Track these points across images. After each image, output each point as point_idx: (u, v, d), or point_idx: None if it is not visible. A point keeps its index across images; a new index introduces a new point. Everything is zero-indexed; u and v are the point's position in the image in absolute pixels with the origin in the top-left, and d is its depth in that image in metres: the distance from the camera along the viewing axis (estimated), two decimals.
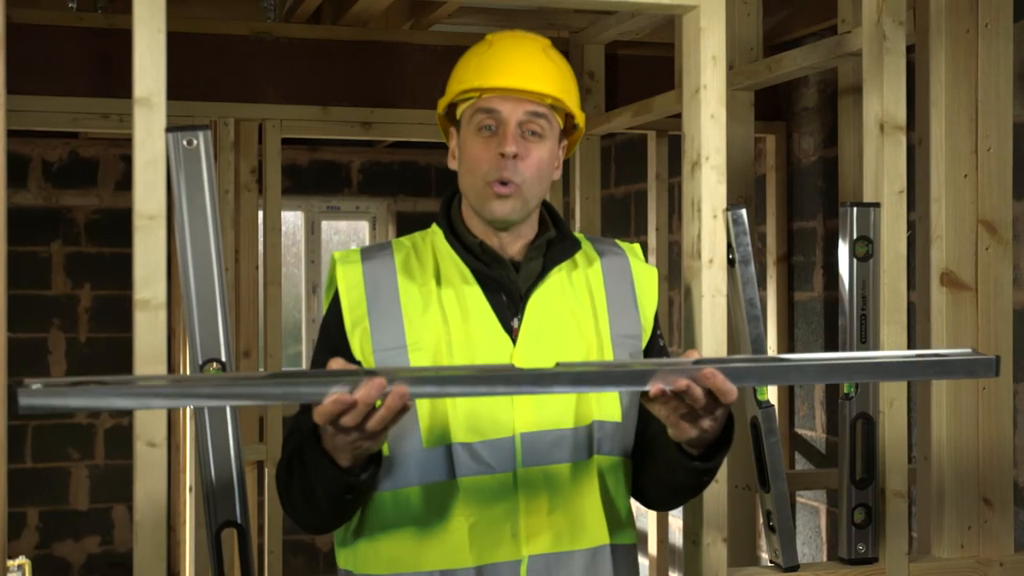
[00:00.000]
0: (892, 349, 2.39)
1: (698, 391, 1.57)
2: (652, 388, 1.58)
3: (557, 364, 1.57)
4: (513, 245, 1.85)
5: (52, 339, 6.55)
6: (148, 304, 1.96)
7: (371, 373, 1.51)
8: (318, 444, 1.62)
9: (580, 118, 1.89)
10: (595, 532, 1.79)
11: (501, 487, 1.74)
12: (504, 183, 1.77)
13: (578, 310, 1.83)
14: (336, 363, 1.57)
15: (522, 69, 1.80)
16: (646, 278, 1.91)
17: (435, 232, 1.87)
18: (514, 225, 1.82)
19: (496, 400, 1.74)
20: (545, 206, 1.90)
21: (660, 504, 1.93)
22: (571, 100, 1.85)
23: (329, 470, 1.63)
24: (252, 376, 1.52)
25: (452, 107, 1.89)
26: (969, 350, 1.72)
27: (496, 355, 1.76)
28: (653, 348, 1.88)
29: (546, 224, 1.88)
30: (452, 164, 1.86)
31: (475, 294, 1.80)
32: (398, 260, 1.83)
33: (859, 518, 2.43)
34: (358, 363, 1.77)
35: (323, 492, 1.68)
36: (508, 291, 1.81)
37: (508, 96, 1.79)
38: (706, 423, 1.64)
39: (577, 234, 1.93)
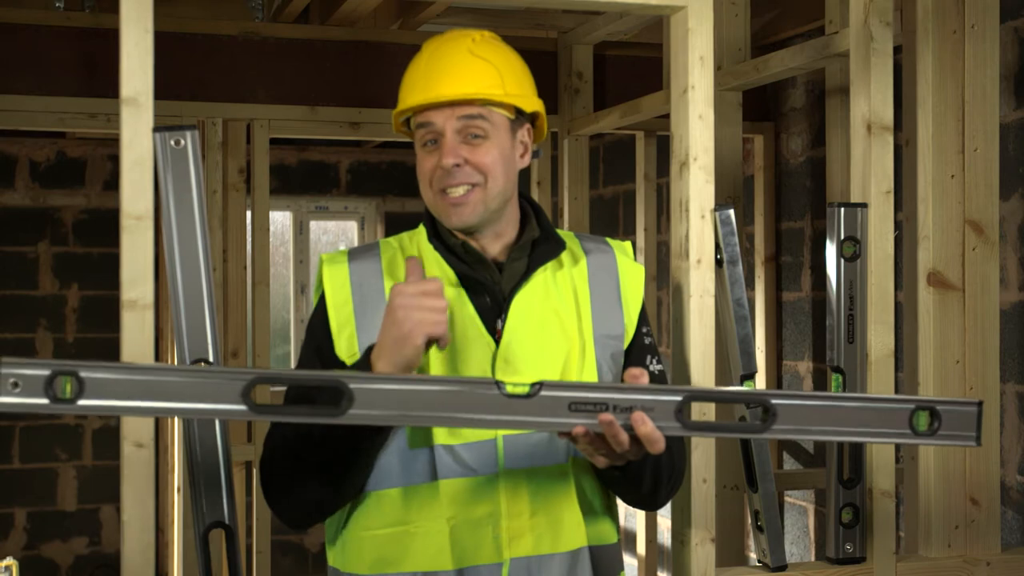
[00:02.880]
0: (880, 349, 2.39)
1: (624, 437, 1.57)
2: (575, 430, 1.56)
3: (532, 385, 1.56)
4: (494, 245, 1.84)
5: (39, 340, 6.53)
6: (136, 304, 1.95)
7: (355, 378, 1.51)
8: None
9: (526, 104, 1.84)
10: (575, 534, 1.79)
11: (483, 489, 1.74)
12: (455, 194, 1.77)
13: (562, 310, 1.83)
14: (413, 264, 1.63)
15: (445, 78, 1.79)
16: (632, 276, 1.90)
17: (421, 233, 1.87)
18: (482, 226, 1.82)
19: None
20: (530, 204, 1.90)
21: (632, 504, 1.92)
22: (505, 91, 1.81)
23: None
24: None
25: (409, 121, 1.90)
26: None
27: (479, 357, 1.76)
28: (636, 346, 1.88)
29: (529, 222, 1.88)
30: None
31: (459, 296, 1.80)
32: (384, 261, 1.84)
33: (847, 518, 2.43)
34: (342, 363, 1.78)
35: (346, 447, 1.67)
36: (492, 292, 1.81)
37: (439, 107, 1.79)
38: (623, 461, 1.65)
39: (566, 232, 1.93)
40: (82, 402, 1.44)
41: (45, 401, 1.43)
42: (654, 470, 1.77)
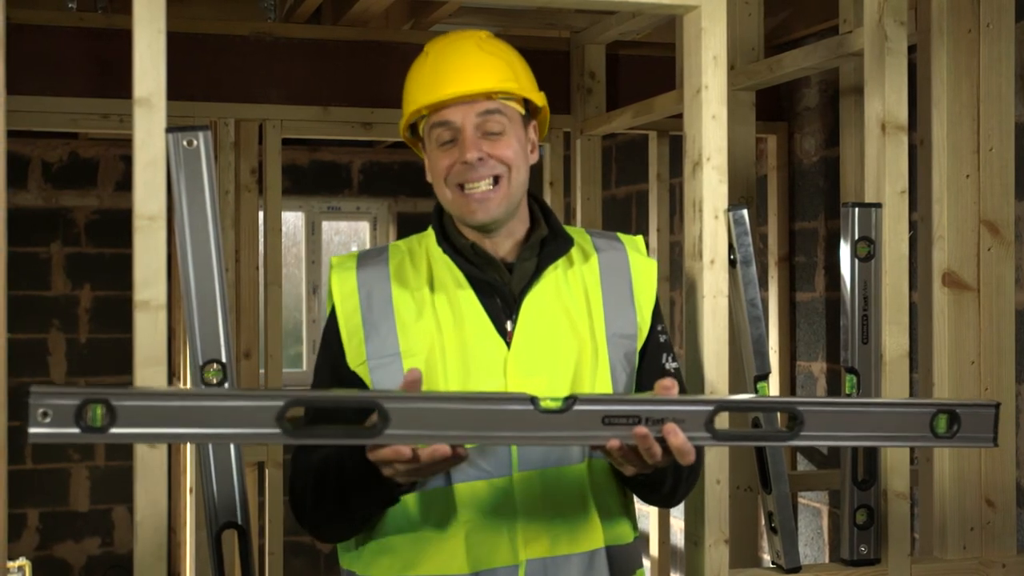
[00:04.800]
0: (894, 349, 2.38)
1: (657, 449, 1.56)
2: (609, 444, 1.55)
3: (565, 398, 1.54)
4: (504, 244, 1.83)
5: (52, 340, 6.54)
6: (148, 305, 1.95)
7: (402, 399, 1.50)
8: (364, 460, 1.61)
9: (537, 98, 1.86)
10: (592, 535, 1.78)
11: (498, 492, 1.74)
12: (477, 189, 1.76)
13: (573, 310, 1.82)
14: (413, 376, 1.57)
15: (460, 74, 1.78)
16: (644, 273, 1.89)
17: (429, 236, 1.86)
18: (503, 222, 1.81)
19: None
20: (536, 201, 1.89)
21: (649, 502, 1.91)
22: (519, 84, 1.82)
23: (376, 488, 1.64)
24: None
25: (415, 125, 1.89)
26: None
27: (490, 359, 1.76)
28: (652, 345, 1.87)
29: (537, 220, 1.87)
30: (430, 178, 1.86)
31: (468, 298, 1.79)
32: (392, 266, 1.83)
33: (861, 519, 2.42)
34: (353, 373, 1.78)
35: (360, 503, 1.69)
36: (502, 293, 1.80)
37: (456, 104, 1.78)
38: (651, 469, 1.63)
39: (577, 229, 1.92)
40: (114, 430, 1.41)
41: (76, 431, 1.40)
42: (675, 472, 1.78)
